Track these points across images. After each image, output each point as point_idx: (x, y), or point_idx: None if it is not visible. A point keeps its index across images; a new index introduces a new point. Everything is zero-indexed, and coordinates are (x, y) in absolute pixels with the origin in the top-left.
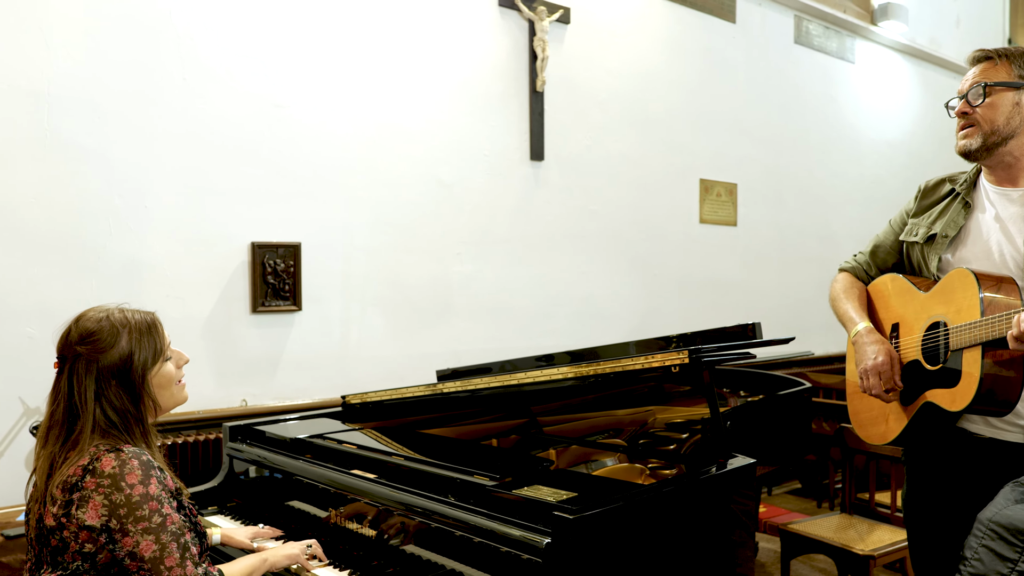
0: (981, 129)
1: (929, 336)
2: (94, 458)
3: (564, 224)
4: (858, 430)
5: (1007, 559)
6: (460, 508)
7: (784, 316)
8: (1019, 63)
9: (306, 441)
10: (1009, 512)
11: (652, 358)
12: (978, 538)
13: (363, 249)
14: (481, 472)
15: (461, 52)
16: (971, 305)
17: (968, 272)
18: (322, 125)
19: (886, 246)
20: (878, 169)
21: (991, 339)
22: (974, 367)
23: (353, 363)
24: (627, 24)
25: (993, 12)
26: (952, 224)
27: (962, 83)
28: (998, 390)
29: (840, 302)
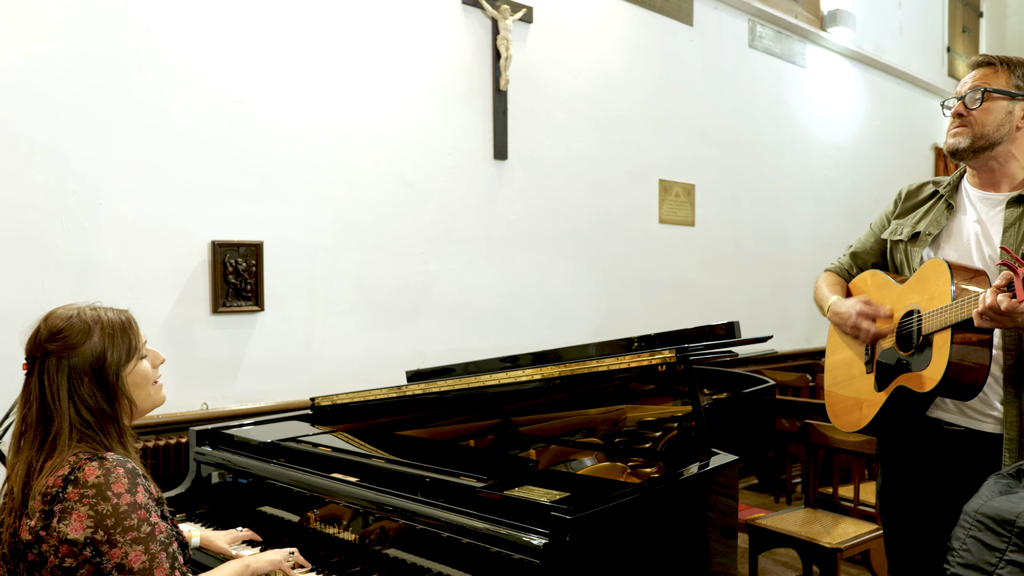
0: (972, 130)
1: (904, 323)
2: (75, 467)
3: (527, 223)
4: (834, 420)
5: (995, 549)
6: (449, 510)
7: (740, 315)
8: (1018, 73)
9: (279, 445)
10: (995, 503)
11: (641, 356)
12: (965, 529)
13: (327, 248)
14: (467, 473)
15: (425, 49)
16: (943, 292)
17: (942, 262)
18: (284, 121)
19: (866, 247)
20: (827, 171)
21: (959, 321)
22: (943, 349)
23: (317, 364)
24: (589, 24)
25: (933, 21)
26: (935, 223)
27: (960, 85)
28: (965, 373)
29: (819, 291)
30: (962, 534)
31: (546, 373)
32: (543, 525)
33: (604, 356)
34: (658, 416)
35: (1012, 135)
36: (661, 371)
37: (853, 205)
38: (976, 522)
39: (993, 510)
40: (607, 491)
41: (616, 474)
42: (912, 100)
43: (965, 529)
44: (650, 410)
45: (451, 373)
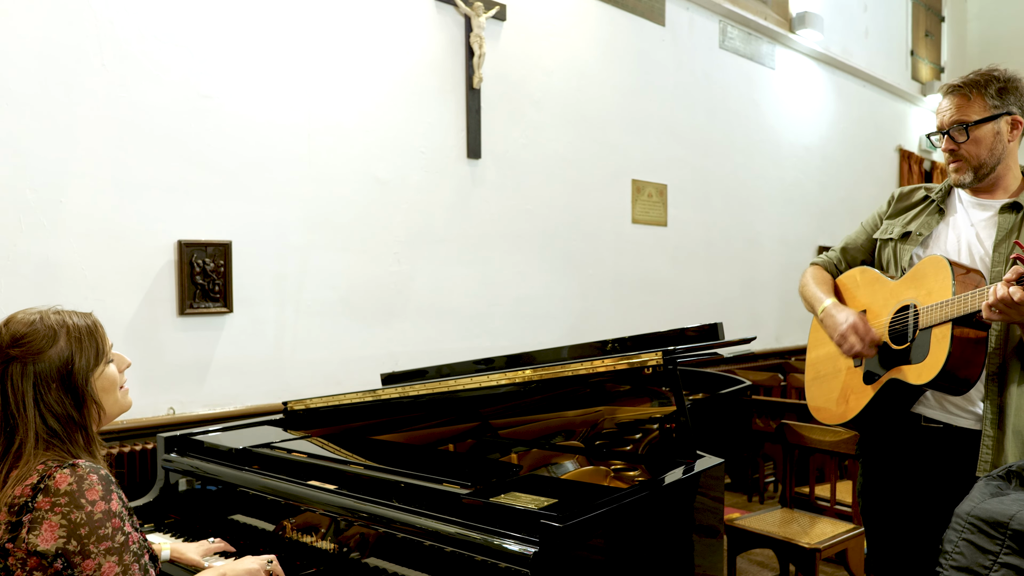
0: (970, 165)
1: (897, 318)
2: (44, 475)
3: (501, 223)
4: (816, 414)
5: (989, 552)
6: (432, 518)
7: (711, 315)
8: (990, 92)
9: (252, 451)
10: (987, 505)
11: (628, 358)
12: (957, 531)
13: (297, 248)
14: (450, 479)
15: (397, 46)
16: (943, 287)
17: (942, 258)
18: (253, 118)
19: (857, 244)
20: (796, 172)
21: (962, 315)
22: (943, 342)
23: (288, 367)
24: (562, 23)
25: (897, 25)
26: (926, 225)
27: (940, 115)
28: (961, 367)
29: (808, 288)
30: (954, 536)
31: (530, 376)
32: (532, 533)
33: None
34: (636, 417)
35: (1006, 150)
36: (647, 373)
37: (821, 206)
38: (969, 524)
39: (986, 512)
40: (595, 497)
41: (600, 478)
42: (878, 102)
43: (957, 532)
44: (628, 412)
45: (427, 376)
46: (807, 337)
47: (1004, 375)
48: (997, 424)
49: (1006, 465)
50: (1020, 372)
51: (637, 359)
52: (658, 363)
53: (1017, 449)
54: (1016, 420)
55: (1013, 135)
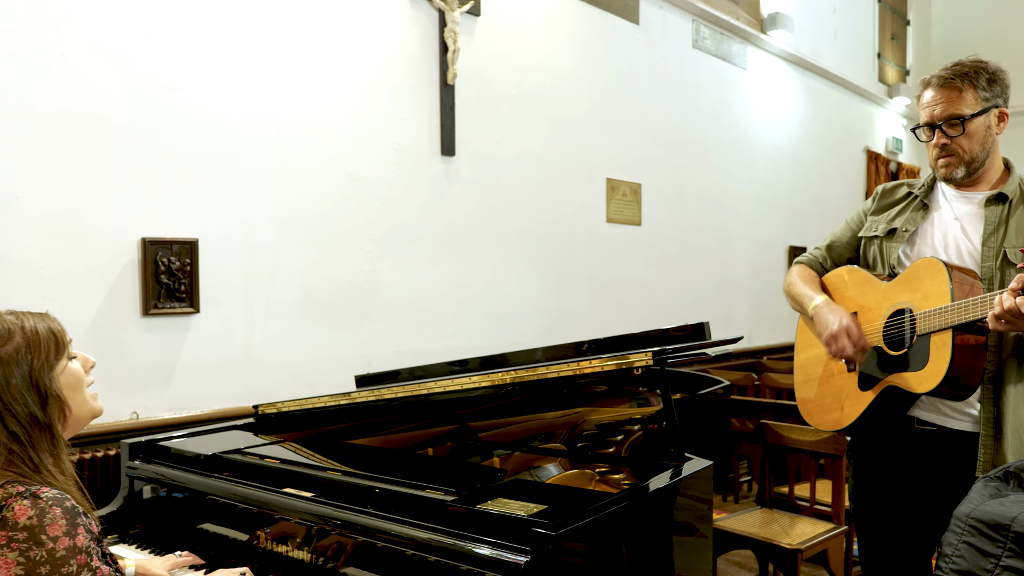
0: (963, 159)
1: (892, 322)
2: (2, 505)
3: (475, 222)
4: (809, 418)
5: (991, 555)
6: (415, 526)
7: (685, 314)
8: (981, 84)
9: (223, 457)
10: (987, 508)
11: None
12: (957, 534)
13: (267, 246)
14: (433, 485)
15: (370, 40)
16: (941, 292)
17: (938, 261)
18: (221, 111)
19: (843, 242)
20: (767, 173)
21: (963, 322)
22: (944, 350)
23: (257, 369)
24: (536, 19)
25: (865, 28)
26: (911, 220)
27: (927, 110)
28: (963, 374)
29: (796, 286)
30: (954, 539)
31: (516, 377)
32: (523, 541)
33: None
34: (616, 418)
35: (994, 143)
36: (636, 374)
37: (792, 206)
38: (969, 527)
39: (987, 515)
40: (586, 503)
41: (585, 482)
42: (846, 104)
43: (957, 534)
44: (608, 412)
45: (403, 378)
46: (780, 337)
47: (1001, 376)
48: (994, 425)
49: (1004, 465)
50: (1017, 373)
51: (627, 359)
52: (648, 363)
53: (1015, 451)
54: (1014, 421)
55: (1000, 128)
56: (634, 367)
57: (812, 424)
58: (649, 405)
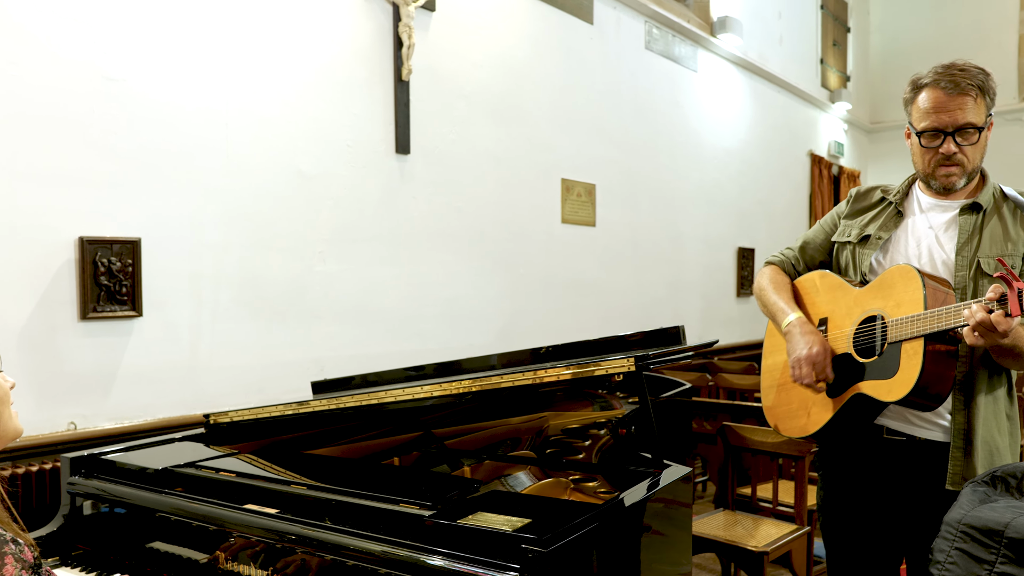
0: (966, 169)
1: (863, 329)
2: None
3: (430, 221)
4: (775, 424)
5: (984, 561)
6: (390, 543)
7: (637, 315)
8: (989, 94)
9: (176, 472)
10: (979, 513)
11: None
12: (949, 541)
13: (214, 246)
14: (407, 499)
15: (322, 32)
16: (913, 299)
17: (912, 268)
18: (165, 103)
19: (816, 243)
20: (717, 174)
21: (936, 331)
22: (915, 358)
23: (204, 375)
24: (491, 16)
25: (808, 34)
26: (885, 227)
27: (936, 118)
28: (933, 383)
29: (768, 293)
30: (946, 546)
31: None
32: (510, 559)
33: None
34: (582, 422)
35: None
36: (617, 380)
37: (740, 208)
38: (961, 533)
39: (979, 520)
40: (571, 515)
41: (560, 491)
42: (791, 108)
43: (949, 540)
44: (572, 417)
45: (364, 384)
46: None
47: (971, 385)
48: (964, 437)
49: (991, 470)
50: (987, 382)
51: (610, 365)
52: (631, 369)
53: (985, 462)
54: (984, 431)
55: (988, 135)
56: (616, 373)
57: (778, 430)
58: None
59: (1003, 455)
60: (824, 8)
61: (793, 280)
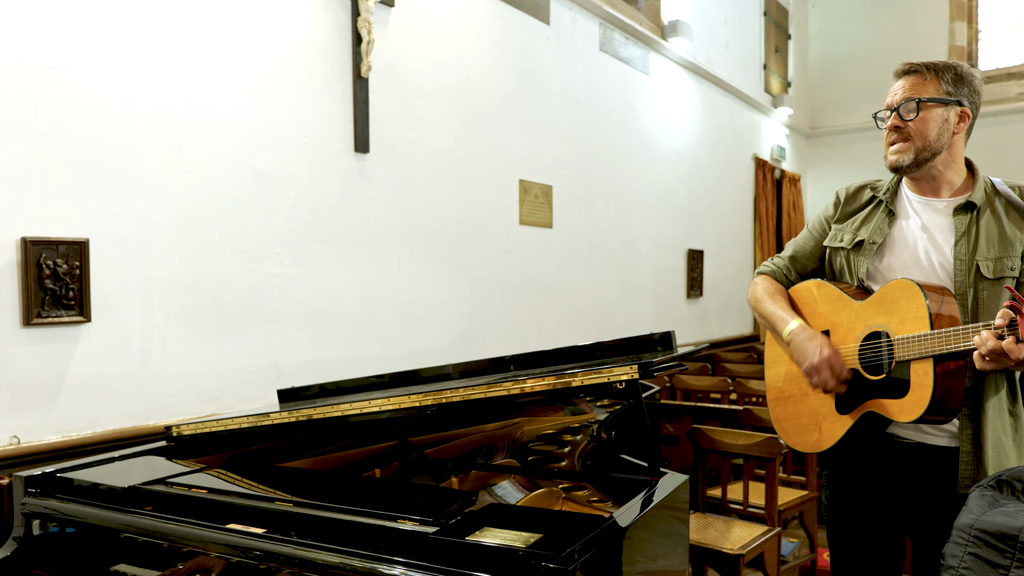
0: (914, 144)
1: (868, 345)
2: None
3: (390, 222)
4: (785, 438)
5: (999, 566)
6: (395, 563)
7: (593, 316)
8: (946, 79)
9: (144, 490)
10: (991, 518)
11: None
12: (962, 546)
13: (167, 247)
14: (405, 515)
15: (279, 25)
16: (918, 317)
17: (913, 284)
18: (113, 97)
19: (806, 251)
20: (668, 177)
21: (944, 353)
22: (926, 379)
23: (157, 383)
24: (450, 13)
25: (752, 39)
26: (878, 231)
27: (890, 96)
28: (947, 400)
29: (765, 303)
30: (959, 551)
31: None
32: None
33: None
34: (557, 427)
35: (950, 141)
36: (619, 388)
37: (690, 210)
38: (974, 538)
39: (992, 525)
40: (581, 528)
41: (552, 501)
42: (737, 112)
43: (962, 546)
44: (545, 422)
45: (335, 392)
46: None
47: (978, 391)
48: (973, 441)
49: (995, 474)
50: (994, 387)
51: (613, 373)
52: (634, 377)
53: (995, 461)
54: (994, 436)
55: (959, 127)
56: (619, 381)
57: (789, 444)
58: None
59: (1009, 453)
60: (767, 15)
61: (787, 289)
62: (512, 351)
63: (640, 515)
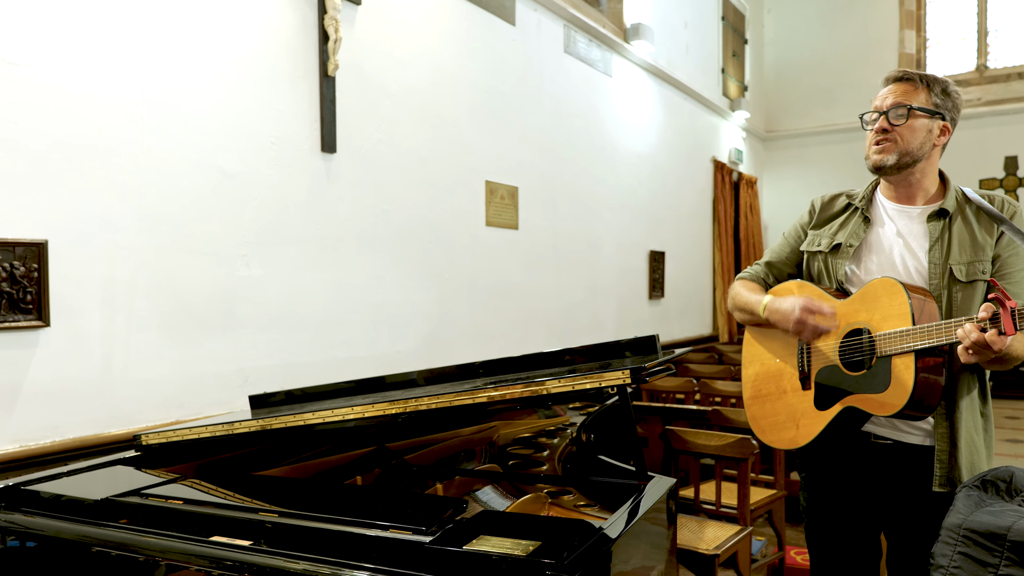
0: (897, 147)
1: (848, 342)
2: None
3: (357, 223)
4: (761, 436)
5: (988, 564)
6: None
7: (558, 318)
8: (936, 91)
9: (119, 502)
10: (979, 518)
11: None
12: (951, 545)
13: (129, 249)
14: (396, 524)
15: (244, 22)
16: (901, 313)
17: (895, 281)
18: (74, 92)
19: (783, 257)
20: (631, 179)
21: (926, 347)
22: (907, 373)
23: (119, 390)
24: (417, 12)
25: (711, 43)
26: (855, 235)
27: (880, 100)
28: (926, 395)
29: (742, 296)
30: (948, 551)
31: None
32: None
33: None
34: (533, 430)
35: (929, 152)
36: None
37: (651, 212)
38: (963, 538)
39: (980, 525)
40: (577, 535)
41: (539, 506)
42: (696, 115)
43: (951, 545)
44: (520, 425)
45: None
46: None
47: (952, 389)
48: (949, 440)
49: (980, 474)
50: (967, 386)
51: (606, 378)
52: (626, 381)
53: (967, 460)
54: (966, 433)
55: (940, 140)
56: (611, 385)
57: (765, 442)
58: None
59: (980, 452)
60: (725, 19)
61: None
62: (479, 353)
63: (636, 520)
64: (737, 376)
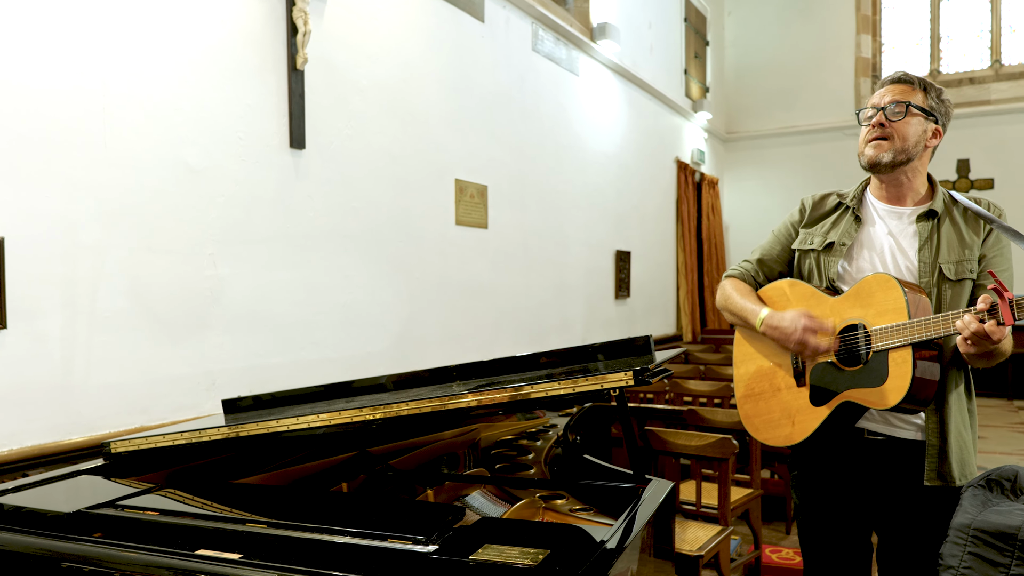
0: (894, 145)
1: (844, 337)
2: None
3: (326, 221)
4: (755, 434)
5: (999, 564)
6: None
7: (526, 318)
8: (932, 96)
9: (93, 514)
10: (989, 518)
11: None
12: (960, 545)
13: (90, 248)
14: (394, 534)
15: (210, 12)
16: (896, 308)
17: (890, 277)
18: (31, 84)
19: (773, 255)
20: (598, 178)
21: (923, 340)
22: (904, 366)
23: (80, 395)
24: (386, 6)
25: (674, 45)
26: (847, 234)
27: (878, 97)
28: (922, 389)
29: (735, 299)
30: (958, 551)
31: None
32: None
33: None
34: (514, 433)
35: (921, 153)
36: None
37: (618, 211)
38: (973, 538)
39: (990, 525)
40: (583, 542)
41: (533, 512)
42: (660, 115)
43: (960, 545)
44: (501, 428)
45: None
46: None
47: (944, 385)
48: (939, 434)
49: (984, 473)
50: (956, 382)
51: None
52: (629, 383)
53: (957, 455)
54: (956, 428)
55: (931, 142)
56: (613, 388)
57: (760, 440)
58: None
59: (969, 447)
60: (687, 21)
61: (756, 291)
62: (451, 353)
63: (643, 526)
64: (706, 376)
